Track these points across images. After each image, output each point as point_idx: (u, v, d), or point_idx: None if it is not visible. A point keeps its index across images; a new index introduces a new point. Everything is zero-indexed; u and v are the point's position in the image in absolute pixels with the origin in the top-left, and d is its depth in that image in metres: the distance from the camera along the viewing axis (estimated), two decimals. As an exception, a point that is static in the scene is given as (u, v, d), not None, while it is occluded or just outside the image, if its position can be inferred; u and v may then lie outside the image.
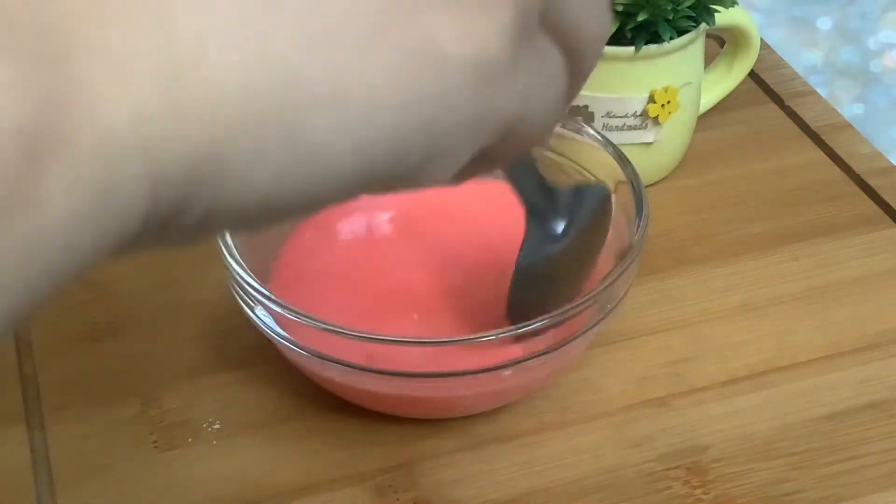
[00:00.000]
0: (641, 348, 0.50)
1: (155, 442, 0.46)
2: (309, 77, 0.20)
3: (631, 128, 0.56)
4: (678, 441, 0.46)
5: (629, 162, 0.48)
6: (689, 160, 0.61)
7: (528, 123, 0.25)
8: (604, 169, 0.50)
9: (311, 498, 0.44)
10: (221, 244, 0.44)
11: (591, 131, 0.50)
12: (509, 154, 0.26)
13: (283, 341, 0.43)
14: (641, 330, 0.51)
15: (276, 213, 0.22)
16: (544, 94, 0.25)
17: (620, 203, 0.48)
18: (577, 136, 0.51)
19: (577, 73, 0.27)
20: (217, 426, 0.47)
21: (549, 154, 0.52)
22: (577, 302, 0.42)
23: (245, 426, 0.47)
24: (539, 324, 0.41)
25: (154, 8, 0.19)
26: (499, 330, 0.41)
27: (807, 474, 0.45)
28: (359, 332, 0.42)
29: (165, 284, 0.53)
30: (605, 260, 0.48)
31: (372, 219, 0.51)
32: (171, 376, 0.49)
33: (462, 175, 0.25)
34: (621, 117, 0.56)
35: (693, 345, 0.50)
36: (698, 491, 0.44)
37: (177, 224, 0.21)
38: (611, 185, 0.49)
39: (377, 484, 0.45)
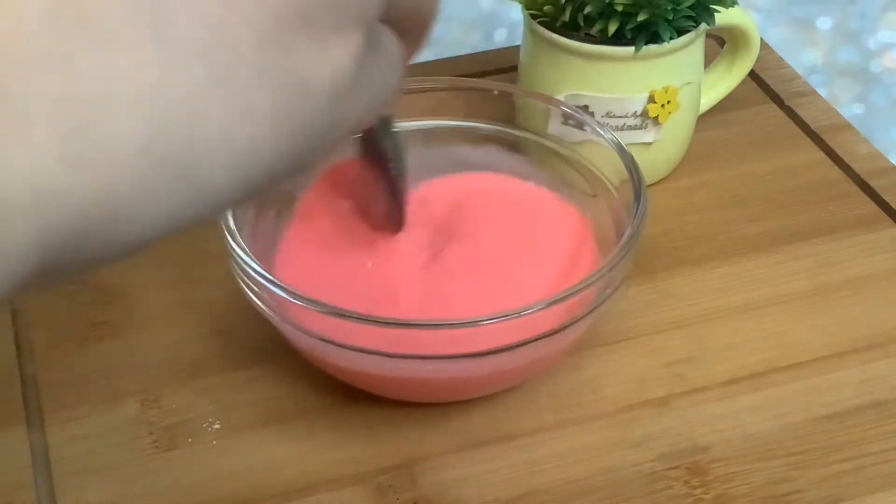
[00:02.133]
0: (641, 348, 0.50)
1: (155, 442, 0.46)
2: (204, 123, 0.21)
3: (631, 128, 0.56)
4: (678, 441, 0.46)
5: (626, 149, 0.49)
6: (689, 160, 0.61)
7: (367, 118, 0.26)
8: (606, 164, 0.50)
9: (311, 498, 0.44)
10: (226, 231, 0.44)
11: (591, 123, 0.51)
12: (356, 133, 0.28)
13: (289, 327, 0.44)
14: (641, 330, 0.51)
15: (157, 242, 0.22)
16: (386, 84, 0.26)
17: (622, 198, 0.48)
18: (578, 132, 0.51)
19: (418, 37, 0.28)
20: (217, 426, 0.47)
21: (546, 143, 0.53)
22: (578, 284, 0.43)
23: (245, 426, 0.47)
24: (539, 307, 0.42)
25: (55, 56, 0.19)
26: (499, 312, 0.42)
27: (807, 474, 0.45)
28: (366, 316, 0.42)
29: (165, 285, 0.53)
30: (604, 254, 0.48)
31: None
32: (171, 376, 0.49)
33: None
34: (621, 117, 0.56)
35: (693, 345, 0.50)
36: (698, 491, 0.44)
37: (66, 266, 0.21)
38: (615, 182, 0.50)
39: (377, 484, 0.45)
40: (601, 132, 0.50)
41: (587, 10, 0.53)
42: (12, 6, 0.19)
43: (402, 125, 0.54)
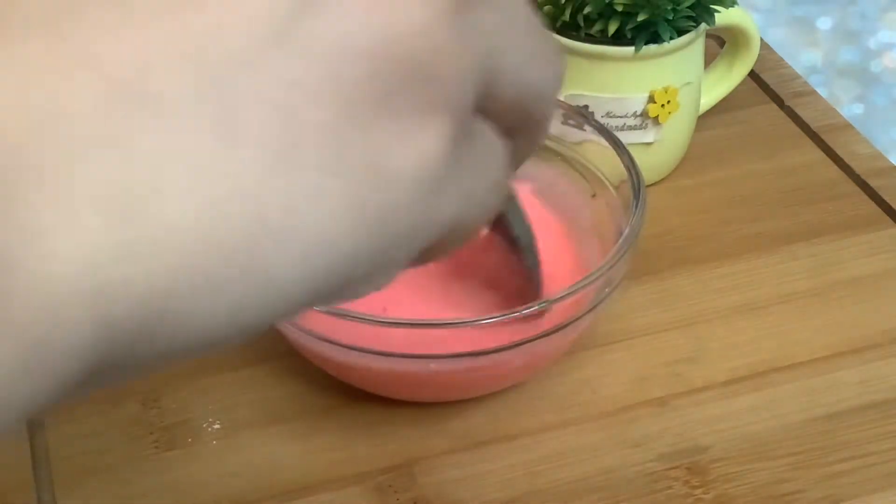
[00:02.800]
0: (641, 348, 0.50)
1: (155, 442, 0.46)
2: (269, 208, 0.19)
3: (631, 128, 0.56)
4: (678, 441, 0.46)
5: (625, 149, 0.49)
6: (689, 160, 0.61)
7: (467, 218, 0.24)
8: (605, 163, 0.50)
9: (311, 498, 0.44)
10: None
11: (591, 123, 0.51)
12: (452, 245, 0.25)
13: (290, 326, 0.44)
14: (641, 330, 0.51)
15: (223, 343, 0.21)
16: (482, 186, 0.24)
17: (621, 197, 0.48)
18: (578, 132, 0.51)
19: (531, 136, 0.26)
20: (217, 426, 0.47)
21: (546, 142, 0.53)
22: (578, 283, 0.43)
23: (245, 426, 0.47)
24: (540, 305, 0.42)
25: (110, 136, 0.18)
26: (499, 313, 0.42)
27: (807, 474, 0.45)
28: (364, 316, 0.42)
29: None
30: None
31: None
32: (171, 376, 0.49)
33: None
34: (621, 117, 0.56)
35: (693, 345, 0.50)
36: (698, 491, 0.44)
37: (121, 366, 0.19)
38: (614, 181, 0.50)
39: (377, 484, 0.45)
40: (601, 132, 0.50)
41: (587, 10, 0.53)
42: (70, 83, 0.18)
43: None
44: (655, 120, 0.56)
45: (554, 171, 0.53)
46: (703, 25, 0.55)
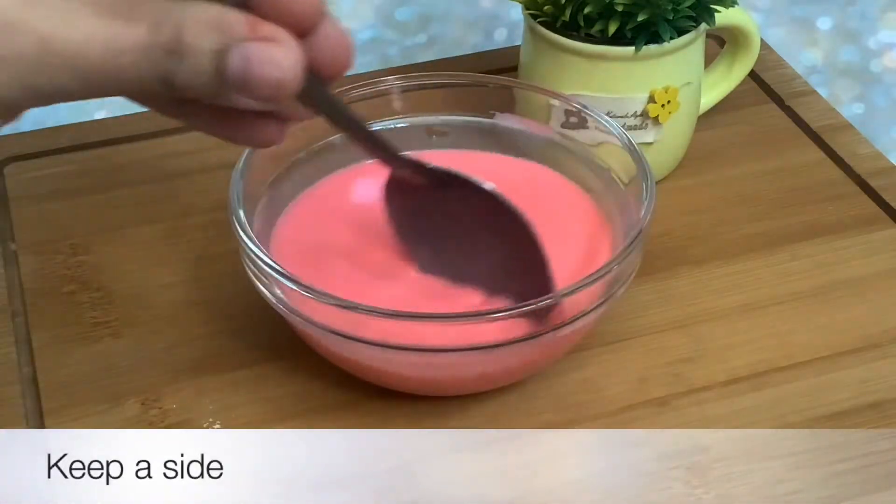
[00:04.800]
0: (641, 348, 0.50)
1: (155, 442, 0.46)
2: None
3: (631, 128, 0.56)
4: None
5: (631, 140, 0.49)
6: (689, 160, 0.61)
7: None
8: (611, 153, 0.50)
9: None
10: (235, 222, 0.45)
11: (594, 116, 0.51)
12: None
13: (300, 319, 0.44)
14: (641, 330, 0.51)
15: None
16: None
17: (633, 194, 0.48)
18: (580, 131, 0.51)
19: None
20: (217, 426, 0.47)
21: (554, 139, 0.53)
22: (587, 278, 0.43)
23: (245, 426, 0.47)
24: (549, 300, 0.42)
25: None
26: (507, 307, 0.42)
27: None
28: (374, 309, 0.42)
29: (166, 285, 0.53)
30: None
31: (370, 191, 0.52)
32: (171, 376, 0.49)
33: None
34: (621, 117, 0.56)
35: (693, 345, 0.50)
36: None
37: None
38: (624, 177, 0.49)
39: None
40: (609, 129, 0.50)
41: (587, 10, 0.53)
42: None
43: (410, 120, 0.54)
44: (655, 120, 0.56)
45: (560, 168, 0.53)
46: (703, 25, 0.55)
